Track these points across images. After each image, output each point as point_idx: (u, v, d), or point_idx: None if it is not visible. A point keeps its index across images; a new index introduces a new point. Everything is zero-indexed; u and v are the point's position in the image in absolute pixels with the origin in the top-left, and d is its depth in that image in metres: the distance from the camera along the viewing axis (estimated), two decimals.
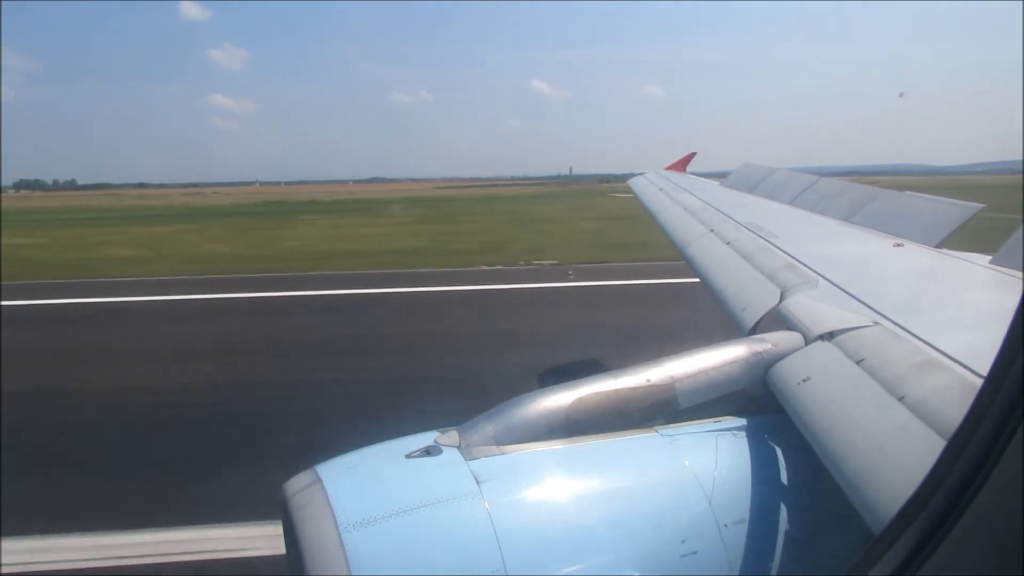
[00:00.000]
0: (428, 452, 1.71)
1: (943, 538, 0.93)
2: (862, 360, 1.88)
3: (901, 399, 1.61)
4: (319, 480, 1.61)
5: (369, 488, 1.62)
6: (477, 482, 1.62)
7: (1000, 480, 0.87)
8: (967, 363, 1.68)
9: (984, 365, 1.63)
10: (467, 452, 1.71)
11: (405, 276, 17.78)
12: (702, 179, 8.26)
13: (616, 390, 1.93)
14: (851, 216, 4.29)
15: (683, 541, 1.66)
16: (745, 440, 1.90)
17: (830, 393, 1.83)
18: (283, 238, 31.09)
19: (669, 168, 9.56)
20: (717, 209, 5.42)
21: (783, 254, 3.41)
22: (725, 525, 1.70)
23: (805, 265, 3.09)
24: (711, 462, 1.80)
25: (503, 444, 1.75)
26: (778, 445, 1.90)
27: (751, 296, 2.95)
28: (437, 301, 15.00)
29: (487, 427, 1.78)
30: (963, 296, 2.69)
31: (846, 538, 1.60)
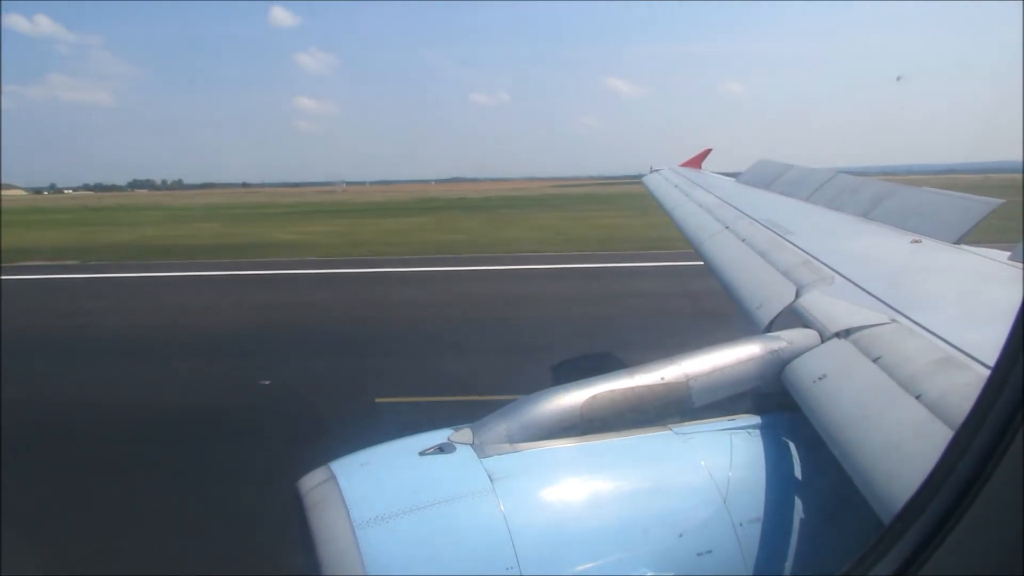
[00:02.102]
0: (442, 450, 1.71)
1: (944, 538, 0.92)
2: (878, 358, 1.86)
3: (918, 397, 1.59)
4: (333, 477, 1.63)
5: (383, 485, 1.63)
6: (491, 480, 1.62)
7: (1001, 481, 0.86)
8: (984, 360, 1.66)
9: None
10: (480, 450, 1.71)
11: None
12: (718, 176, 8.19)
13: (630, 388, 1.93)
14: (868, 212, 4.24)
15: (698, 539, 1.66)
16: (760, 439, 1.89)
17: (846, 391, 1.81)
18: (569, 227, 32.31)
19: (684, 165, 9.49)
20: (733, 206, 5.38)
21: (799, 251, 3.38)
22: (740, 524, 1.69)
23: (821, 262, 3.06)
24: (726, 461, 1.79)
25: (516, 442, 1.76)
26: (793, 444, 1.89)
27: (766, 293, 2.93)
28: None
29: (500, 425, 1.78)
30: (981, 292, 2.65)
31: (861, 537, 1.58)
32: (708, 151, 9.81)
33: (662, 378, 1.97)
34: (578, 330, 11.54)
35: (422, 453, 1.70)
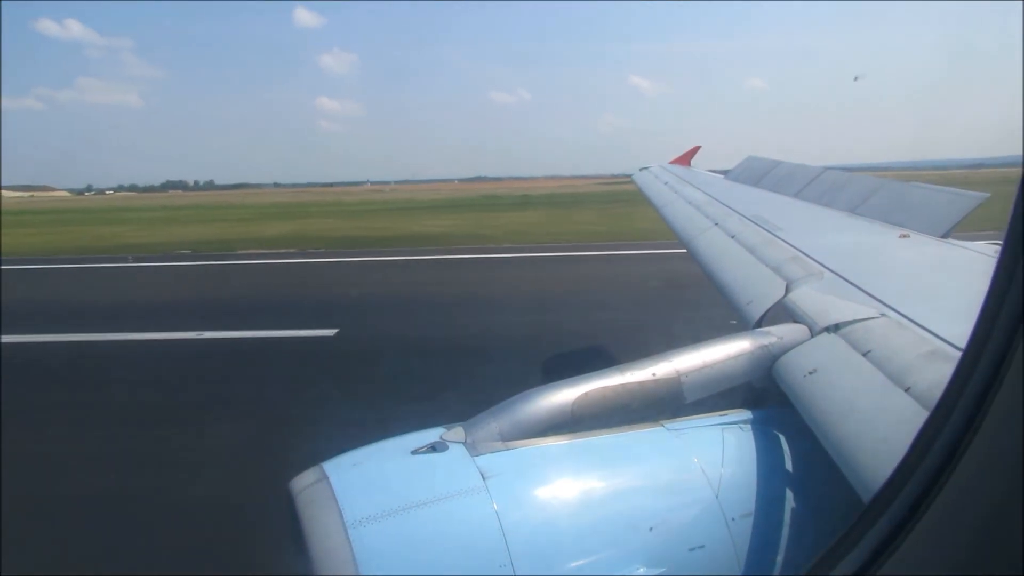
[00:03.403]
0: (434, 448, 1.71)
1: (907, 536, 0.92)
2: (868, 351, 1.87)
3: (907, 390, 1.60)
4: (325, 477, 1.62)
5: (375, 484, 1.63)
6: (483, 478, 1.62)
7: (965, 474, 0.86)
8: None
9: None
10: (473, 448, 1.71)
11: None
12: (707, 173, 8.23)
13: (622, 384, 1.93)
14: (856, 208, 4.27)
15: (690, 535, 1.66)
16: (751, 433, 1.89)
17: (836, 385, 1.83)
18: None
19: (673, 162, 9.53)
20: (722, 203, 5.41)
21: (788, 246, 3.40)
22: (732, 519, 1.70)
23: (810, 257, 3.08)
24: (717, 456, 1.80)
25: (509, 440, 1.76)
26: (784, 438, 1.90)
27: (756, 289, 2.94)
28: None
29: (492, 423, 1.78)
30: (969, 286, 2.68)
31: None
32: (697, 148, 9.86)
33: (653, 374, 1.97)
34: None
35: (414, 452, 1.70)
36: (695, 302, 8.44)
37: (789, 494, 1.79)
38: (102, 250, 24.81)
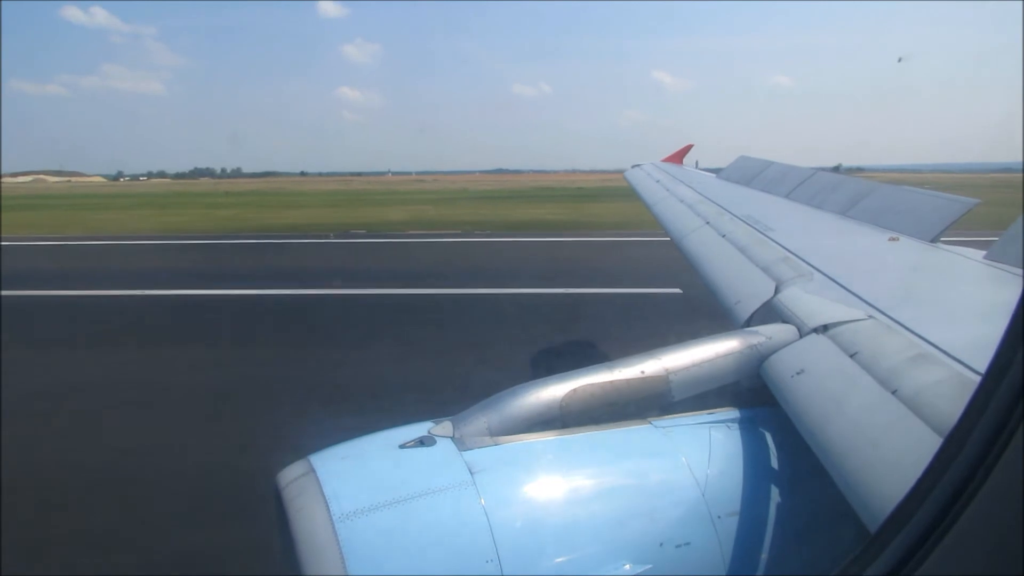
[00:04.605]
0: (422, 442, 1.71)
1: (940, 538, 0.92)
2: (856, 353, 1.88)
3: (894, 392, 1.61)
4: (312, 470, 1.61)
5: (363, 478, 1.62)
6: (471, 472, 1.62)
7: (999, 480, 0.86)
8: (960, 357, 1.69)
9: (976, 359, 1.64)
10: (461, 443, 1.71)
11: None
12: (699, 171, 8.24)
13: (610, 381, 1.93)
14: (847, 210, 4.29)
15: (676, 533, 1.67)
16: (739, 432, 1.90)
17: (824, 386, 1.84)
18: None
19: (666, 160, 9.54)
20: (714, 202, 5.42)
21: (779, 247, 3.41)
22: (719, 517, 1.71)
23: (800, 258, 3.09)
24: (705, 454, 1.81)
25: (497, 435, 1.75)
26: (771, 437, 1.91)
27: (746, 289, 2.95)
28: None
29: (481, 418, 1.78)
30: (957, 291, 2.70)
31: (839, 531, 1.60)
32: (690, 146, 9.87)
33: (642, 372, 1.98)
34: None
35: (402, 446, 1.69)
36: None
37: (775, 493, 1.80)
38: (288, 229, 27.11)
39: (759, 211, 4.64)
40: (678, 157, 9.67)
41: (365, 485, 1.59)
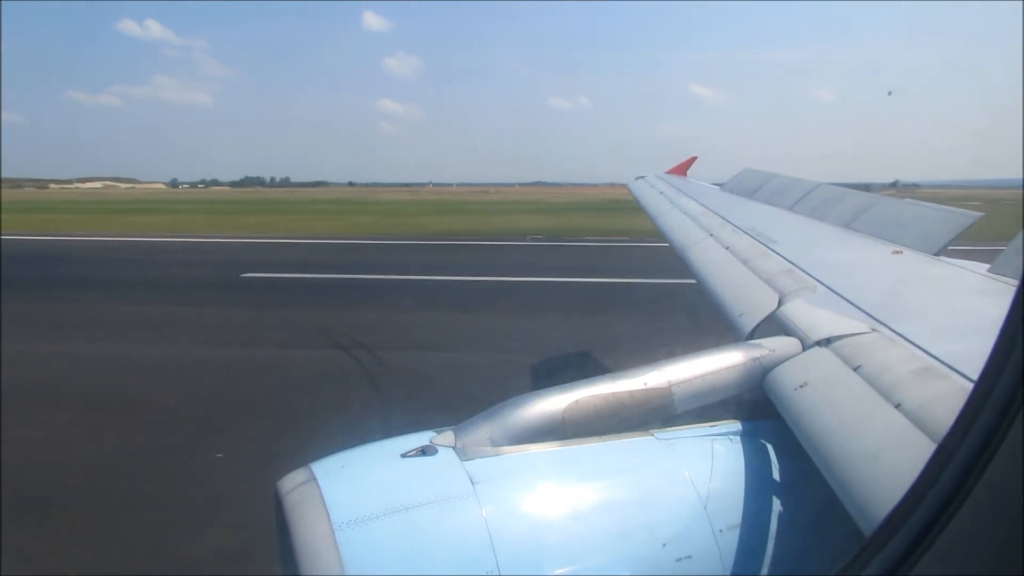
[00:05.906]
0: (423, 452, 1.70)
1: (935, 539, 0.92)
2: (859, 366, 1.88)
3: (897, 406, 1.60)
4: (313, 478, 1.61)
5: (364, 487, 1.62)
6: (472, 483, 1.61)
7: (992, 481, 0.86)
8: (963, 370, 1.68)
9: (980, 372, 1.63)
10: (462, 453, 1.70)
11: None
12: (703, 183, 8.25)
13: (613, 393, 1.93)
14: (850, 223, 4.29)
15: (678, 545, 1.66)
16: (741, 445, 1.89)
17: (826, 399, 1.83)
18: None
19: (670, 172, 9.56)
20: (717, 214, 5.42)
21: (782, 259, 3.41)
22: (720, 530, 1.70)
23: (804, 271, 3.09)
24: (707, 466, 1.80)
25: (499, 445, 1.75)
26: (774, 450, 1.90)
27: (749, 301, 2.95)
28: None
29: (483, 428, 1.78)
30: (960, 304, 2.69)
31: (842, 544, 1.59)
32: (693, 159, 9.90)
33: (645, 383, 1.97)
34: None
35: (404, 455, 1.69)
36: None
37: (777, 507, 1.79)
38: (468, 234, 30.11)
39: (762, 223, 4.64)
40: (682, 169, 9.69)
41: (366, 494, 1.58)
